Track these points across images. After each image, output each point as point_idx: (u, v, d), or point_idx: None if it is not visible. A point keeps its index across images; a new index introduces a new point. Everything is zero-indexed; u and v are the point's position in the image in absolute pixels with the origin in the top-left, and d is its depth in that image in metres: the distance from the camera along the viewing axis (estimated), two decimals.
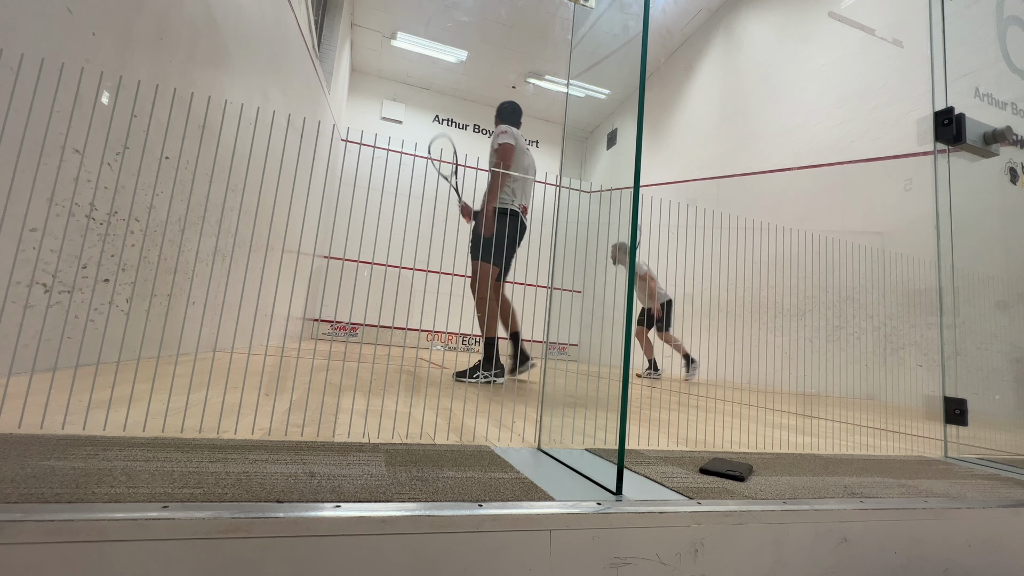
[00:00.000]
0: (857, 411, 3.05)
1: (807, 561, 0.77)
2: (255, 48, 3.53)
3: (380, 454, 0.89)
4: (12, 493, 0.56)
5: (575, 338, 8.98)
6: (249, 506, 0.58)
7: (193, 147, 2.52)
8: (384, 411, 1.45)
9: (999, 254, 1.88)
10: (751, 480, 0.94)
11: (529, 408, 1.82)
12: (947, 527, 0.87)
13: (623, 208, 0.91)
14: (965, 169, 1.56)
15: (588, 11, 1.27)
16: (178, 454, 0.78)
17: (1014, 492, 1.06)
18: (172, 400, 1.29)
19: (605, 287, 1.68)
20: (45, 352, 1.63)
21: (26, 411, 0.97)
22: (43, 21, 1.57)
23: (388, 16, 8.00)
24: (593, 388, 2.73)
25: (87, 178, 1.81)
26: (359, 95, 9.58)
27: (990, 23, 1.78)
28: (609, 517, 0.68)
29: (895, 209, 4.61)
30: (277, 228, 4.11)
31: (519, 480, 0.80)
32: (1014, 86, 1.73)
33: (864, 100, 5.08)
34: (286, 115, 4.21)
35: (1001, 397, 2.05)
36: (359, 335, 8.43)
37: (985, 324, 1.82)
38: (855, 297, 4.76)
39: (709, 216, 5.05)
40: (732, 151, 6.88)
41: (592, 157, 10.99)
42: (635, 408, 2.17)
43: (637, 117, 0.91)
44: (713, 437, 1.53)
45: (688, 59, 8.13)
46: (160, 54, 2.27)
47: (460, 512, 0.63)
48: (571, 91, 9.27)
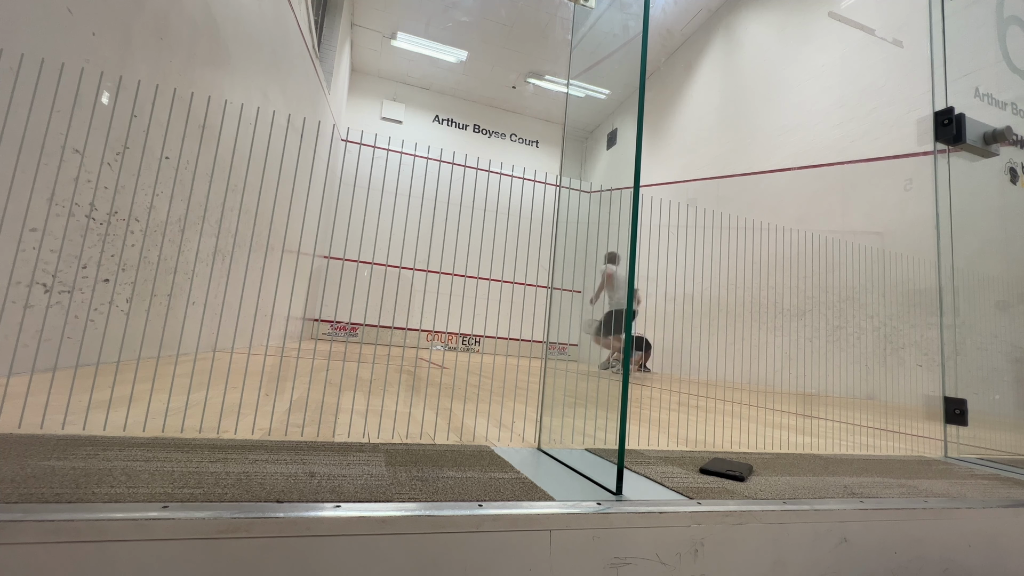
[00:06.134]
0: (857, 411, 3.05)
1: (807, 561, 0.77)
2: (255, 48, 3.53)
3: (380, 454, 0.89)
4: (12, 493, 0.56)
5: (575, 338, 8.98)
6: (249, 506, 0.58)
7: (193, 147, 2.52)
8: (384, 411, 1.45)
9: (999, 254, 1.88)
10: (751, 480, 0.94)
11: (529, 408, 1.82)
12: (947, 527, 0.87)
13: (623, 208, 0.91)
14: (965, 169, 1.56)
15: (588, 11, 1.27)
16: (178, 454, 0.77)
17: (1014, 492, 1.06)
18: (172, 400, 1.29)
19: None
20: (45, 352, 1.63)
21: (26, 411, 0.97)
22: (43, 21, 1.57)
23: (388, 16, 8.00)
24: (593, 388, 2.73)
25: (87, 178, 1.81)
26: (359, 95, 9.59)
27: (990, 23, 1.78)
28: (609, 517, 0.68)
29: (895, 209, 4.61)
30: (277, 228, 4.10)
31: (519, 480, 0.80)
32: (1014, 86, 1.73)
33: (864, 100, 5.08)
34: (286, 115, 4.21)
35: (1001, 397, 2.05)
36: (359, 335, 8.44)
37: (985, 324, 1.82)
38: (855, 297, 4.76)
39: (709, 216, 5.05)
40: (732, 151, 6.88)
41: (592, 157, 10.99)
42: (635, 408, 2.17)
43: (637, 117, 0.91)
44: (713, 437, 1.53)
45: (688, 59, 8.13)
46: (160, 54, 2.27)
47: (460, 512, 0.63)
48: (571, 91, 9.26)
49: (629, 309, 0.94)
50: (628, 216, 0.87)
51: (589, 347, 7.31)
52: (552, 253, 1.36)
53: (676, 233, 2.39)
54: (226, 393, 1.49)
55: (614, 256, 4.08)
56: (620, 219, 0.96)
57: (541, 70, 9.20)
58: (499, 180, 9.39)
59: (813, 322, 5.12)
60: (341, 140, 8.07)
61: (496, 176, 9.33)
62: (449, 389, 2.25)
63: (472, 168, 7.22)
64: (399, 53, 8.87)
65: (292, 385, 1.84)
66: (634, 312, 5.29)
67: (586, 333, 5.38)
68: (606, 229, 1.32)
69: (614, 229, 1.12)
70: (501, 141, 10.70)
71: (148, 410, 1.10)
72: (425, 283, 5.44)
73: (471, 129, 10.48)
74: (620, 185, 1.04)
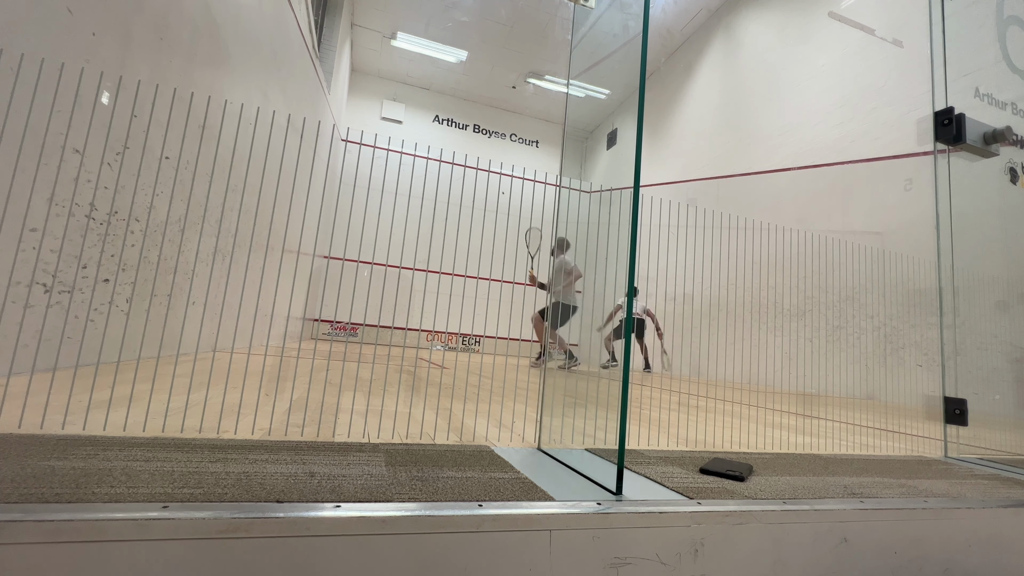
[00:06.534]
0: (857, 411, 3.05)
1: (807, 561, 0.77)
2: (255, 48, 3.53)
3: (380, 454, 0.89)
4: (12, 493, 0.56)
5: (575, 338, 8.98)
6: (249, 506, 0.58)
7: (193, 147, 2.52)
8: (384, 411, 1.45)
9: (999, 254, 1.88)
10: (751, 480, 0.94)
11: (529, 408, 1.82)
12: (947, 527, 0.87)
13: (623, 208, 0.91)
14: (965, 169, 1.56)
15: (588, 11, 1.27)
16: (178, 454, 0.77)
17: (1014, 492, 1.06)
18: (172, 400, 1.29)
19: (605, 287, 1.68)
20: (45, 352, 1.63)
21: (26, 411, 0.97)
22: (43, 21, 1.57)
23: (388, 16, 8.00)
24: (593, 388, 2.73)
25: (87, 178, 1.81)
26: (359, 95, 9.59)
27: (990, 23, 1.78)
28: (609, 517, 0.68)
29: (895, 209, 4.61)
30: (277, 228, 4.10)
31: (519, 480, 0.80)
32: (1014, 86, 1.73)
33: (864, 100, 5.09)
34: (286, 115, 4.21)
35: (1001, 397, 2.05)
36: (359, 335, 8.43)
37: (985, 324, 1.82)
38: (855, 297, 4.76)
39: (709, 216, 5.06)
40: (732, 151, 6.88)
41: (592, 157, 10.99)
42: (635, 408, 2.17)
43: (637, 117, 0.91)
44: (713, 437, 1.53)
45: (688, 59, 8.13)
46: (160, 54, 2.27)
47: (460, 512, 0.63)
48: (571, 91, 9.26)
49: (630, 308, 0.94)
50: (628, 216, 0.87)
51: (589, 347, 7.31)
52: (552, 253, 1.36)
53: (676, 233, 2.39)
54: (226, 393, 1.49)
55: (563, 243, 3.83)
56: (620, 219, 0.96)
57: (541, 70, 9.20)
58: (499, 180, 9.39)
59: (813, 322, 5.12)
60: (341, 140, 8.07)
61: (496, 176, 9.33)
62: (449, 389, 2.25)
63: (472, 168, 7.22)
64: (399, 53, 8.87)
65: (292, 385, 1.84)
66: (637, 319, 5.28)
67: (597, 331, 5.34)
68: (606, 229, 1.32)
69: (614, 229, 1.12)
70: (501, 141, 10.70)
71: (148, 410, 1.10)
72: (425, 283, 5.44)
73: (471, 129, 10.48)
74: (620, 185, 1.04)
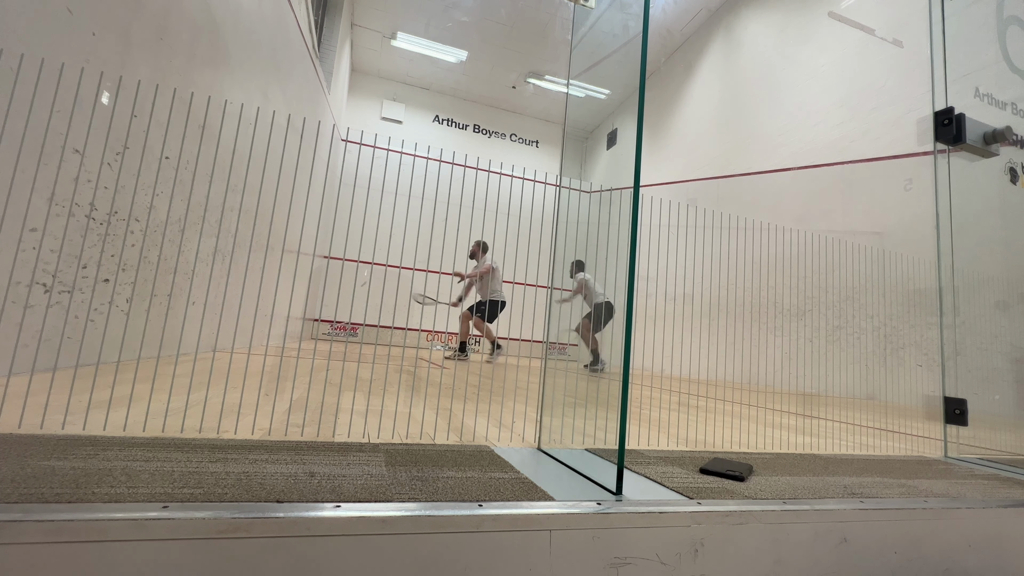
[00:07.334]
0: (857, 411, 3.05)
1: (807, 561, 0.77)
2: (255, 48, 3.53)
3: (380, 454, 0.89)
4: (12, 493, 0.56)
5: (575, 338, 8.98)
6: (249, 506, 0.58)
7: (193, 147, 2.52)
8: (384, 411, 1.45)
9: (999, 254, 1.88)
10: (751, 480, 0.94)
11: (529, 408, 1.82)
12: (947, 527, 0.87)
13: (623, 208, 0.91)
14: (965, 169, 1.56)
15: (588, 11, 1.27)
16: (178, 454, 0.77)
17: (1014, 492, 1.06)
18: (172, 400, 1.29)
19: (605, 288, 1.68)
20: (45, 352, 1.63)
21: (26, 411, 0.97)
22: (43, 21, 1.57)
23: (388, 16, 8.00)
24: (593, 388, 2.73)
25: (87, 178, 1.81)
26: (359, 95, 9.58)
27: (990, 23, 1.78)
28: (609, 517, 0.68)
29: (895, 209, 4.61)
30: (277, 228, 4.10)
31: (519, 480, 0.80)
32: (1014, 86, 1.73)
33: (864, 100, 5.08)
34: (286, 115, 4.21)
35: (1001, 397, 2.05)
36: (359, 335, 8.43)
37: (985, 324, 1.82)
38: (855, 297, 4.76)
39: (709, 216, 5.06)
40: (732, 151, 6.88)
41: (592, 157, 10.99)
42: (635, 408, 2.17)
43: (637, 117, 0.91)
44: (713, 437, 1.53)
45: (688, 59, 8.13)
46: (160, 54, 2.27)
47: (460, 512, 0.63)
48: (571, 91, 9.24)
49: (630, 308, 0.94)
50: (628, 216, 0.87)
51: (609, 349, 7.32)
52: (552, 253, 1.36)
53: (676, 233, 2.39)
54: (226, 393, 1.49)
55: (580, 264, 4.00)
56: (620, 219, 0.96)
57: (541, 70, 9.20)
58: (499, 180, 9.39)
59: (813, 322, 5.12)
60: (341, 140, 8.07)
61: (496, 176, 9.33)
62: (449, 389, 2.25)
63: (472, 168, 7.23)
64: (399, 53, 8.87)
65: (292, 385, 1.84)
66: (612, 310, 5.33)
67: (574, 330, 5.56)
68: (606, 229, 1.32)
69: (614, 229, 1.12)
70: (501, 141, 10.69)
71: (148, 410, 1.10)
72: (425, 283, 5.43)
73: (471, 129, 10.48)
74: (620, 185, 1.04)
